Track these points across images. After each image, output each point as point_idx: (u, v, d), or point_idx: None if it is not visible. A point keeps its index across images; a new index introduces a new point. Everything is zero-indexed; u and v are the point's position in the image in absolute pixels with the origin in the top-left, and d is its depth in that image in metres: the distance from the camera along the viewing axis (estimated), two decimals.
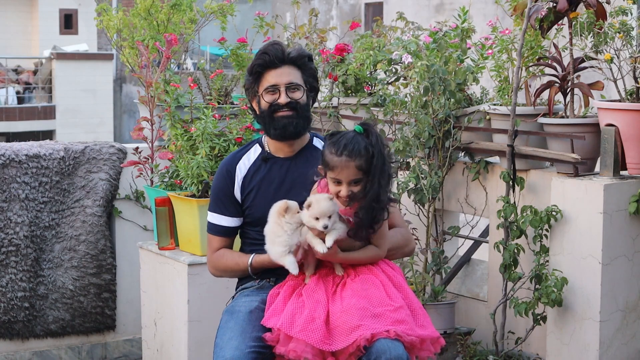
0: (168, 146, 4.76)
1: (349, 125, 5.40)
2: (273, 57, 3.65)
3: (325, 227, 3.34)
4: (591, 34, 4.55)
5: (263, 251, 3.54)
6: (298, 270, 3.41)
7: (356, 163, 3.36)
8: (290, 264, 3.41)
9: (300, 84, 3.67)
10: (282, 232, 3.42)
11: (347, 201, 3.39)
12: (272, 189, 3.64)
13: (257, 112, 3.72)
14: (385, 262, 3.51)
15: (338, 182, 3.40)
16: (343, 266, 3.46)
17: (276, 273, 3.59)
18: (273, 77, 3.65)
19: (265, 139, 3.76)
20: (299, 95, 3.66)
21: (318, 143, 3.74)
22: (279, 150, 3.71)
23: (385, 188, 3.41)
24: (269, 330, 3.37)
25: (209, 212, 3.76)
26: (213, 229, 3.75)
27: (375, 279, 3.39)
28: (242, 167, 3.71)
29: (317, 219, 3.34)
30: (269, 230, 3.47)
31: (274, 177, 3.66)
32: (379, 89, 5.40)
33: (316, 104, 5.51)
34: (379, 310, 3.29)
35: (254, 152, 3.75)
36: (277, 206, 3.45)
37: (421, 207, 5.05)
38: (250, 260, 3.62)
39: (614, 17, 4.53)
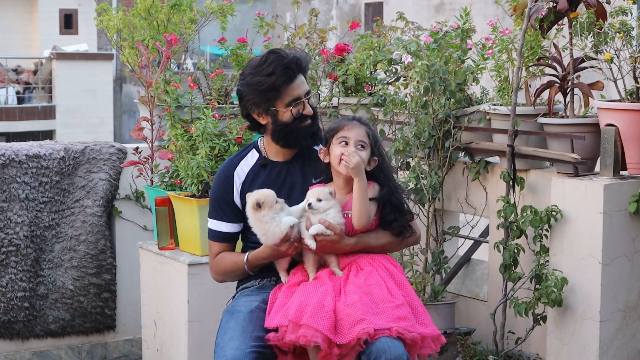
0: (168, 146, 4.76)
1: None
2: (295, 69, 3.54)
3: (309, 205, 3.42)
4: (591, 34, 4.55)
5: None
6: (297, 220, 3.44)
7: (365, 129, 3.54)
8: (288, 220, 3.41)
9: (310, 89, 3.65)
10: (264, 223, 3.43)
11: (350, 160, 3.43)
12: None
13: (276, 125, 3.60)
14: (386, 259, 3.53)
15: (345, 143, 3.45)
16: (348, 256, 3.49)
17: (277, 271, 3.59)
18: (294, 90, 3.56)
19: (262, 143, 3.72)
20: (313, 101, 3.65)
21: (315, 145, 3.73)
22: (278, 155, 3.68)
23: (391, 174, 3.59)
24: (270, 330, 3.38)
25: (209, 219, 3.73)
26: (213, 235, 3.72)
27: (377, 275, 3.41)
28: (240, 173, 3.67)
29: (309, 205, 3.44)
30: (254, 226, 3.49)
31: (274, 181, 3.62)
32: (379, 89, 5.40)
33: (316, 104, 5.51)
34: (380, 307, 3.31)
35: (252, 157, 3.71)
36: (249, 203, 3.47)
37: (421, 207, 5.05)
38: (246, 256, 3.61)
39: (614, 17, 4.53)
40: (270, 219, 3.42)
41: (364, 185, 3.45)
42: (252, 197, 3.48)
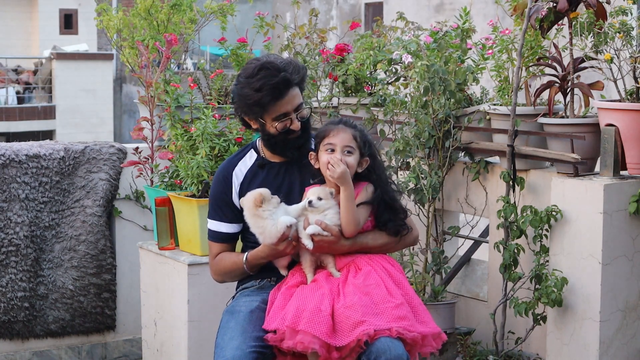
0: (168, 146, 4.76)
1: None
2: (283, 88, 3.51)
3: (310, 203, 3.42)
4: (591, 34, 4.55)
5: None
6: (294, 220, 3.43)
7: (352, 132, 3.48)
8: (285, 219, 3.41)
9: (303, 101, 3.63)
10: (263, 220, 3.43)
11: (334, 170, 3.41)
12: None
13: (263, 134, 3.62)
14: (384, 258, 3.52)
15: (332, 150, 3.44)
16: (346, 256, 3.48)
17: (276, 272, 3.59)
18: (282, 106, 3.54)
19: (260, 144, 3.73)
20: (305, 113, 3.62)
21: (312, 145, 3.72)
22: (275, 156, 3.69)
23: (383, 170, 3.58)
24: (270, 330, 3.37)
25: (208, 220, 3.73)
26: (213, 235, 3.73)
27: (375, 275, 3.40)
28: (239, 173, 3.68)
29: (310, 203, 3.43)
30: (252, 226, 3.49)
31: (272, 182, 3.63)
32: (379, 89, 5.40)
33: (316, 104, 5.51)
34: (380, 307, 3.30)
35: (250, 157, 3.71)
36: (250, 200, 3.46)
37: (421, 207, 5.05)
38: (245, 256, 3.61)
39: (614, 17, 4.53)
40: (269, 214, 3.43)
41: (351, 194, 3.44)
42: (249, 196, 3.48)
